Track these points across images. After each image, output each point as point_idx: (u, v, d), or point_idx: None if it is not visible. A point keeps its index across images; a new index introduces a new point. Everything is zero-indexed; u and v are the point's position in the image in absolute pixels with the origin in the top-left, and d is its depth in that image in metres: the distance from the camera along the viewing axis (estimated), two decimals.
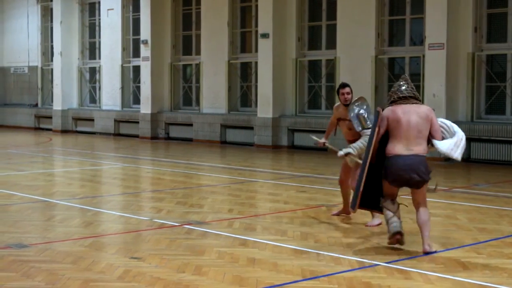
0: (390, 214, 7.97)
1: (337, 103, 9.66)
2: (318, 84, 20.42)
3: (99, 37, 26.96)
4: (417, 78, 18.17)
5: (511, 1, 16.85)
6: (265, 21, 20.56)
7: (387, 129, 7.90)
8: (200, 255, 7.56)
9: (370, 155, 7.94)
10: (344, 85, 9.40)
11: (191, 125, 22.97)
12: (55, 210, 10.55)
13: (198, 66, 23.38)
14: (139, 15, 24.67)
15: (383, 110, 7.99)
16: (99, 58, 26.98)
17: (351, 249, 7.83)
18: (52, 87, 28.63)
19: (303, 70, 20.58)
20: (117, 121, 25.55)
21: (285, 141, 20.43)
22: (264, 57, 20.64)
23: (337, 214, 9.92)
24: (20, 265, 7.08)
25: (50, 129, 28.22)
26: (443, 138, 8.10)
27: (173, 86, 24.14)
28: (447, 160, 16.78)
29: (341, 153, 9.34)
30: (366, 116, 9.07)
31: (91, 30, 27.56)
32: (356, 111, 9.10)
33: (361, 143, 9.20)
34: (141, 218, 9.74)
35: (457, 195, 11.93)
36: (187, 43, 24.16)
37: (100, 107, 26.83)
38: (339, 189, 9.98)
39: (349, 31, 19.19)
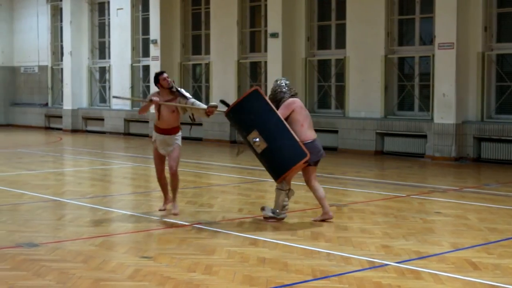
0: (287, 201, 9.41)
1: (156, 92, 9.97)
2: (327, 83, 20.40)
3: (109, 36, 27.01)
4: (427, 77, 18.16)
5: None
6: (274, 21, 20.55)
7: (289, 115, 9.30)
8: (210, 254, 7.57)
9: (282, 119, 9.14)
10: (161, 72, 9.93)
11: (200, 124, 22.98)
12: (66, 209, 10.59)
13: (207, 65, 23.40)
14: (149, 14, 24.72)
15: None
16: (109, 57, 27.03)
17: (361, 249, 7.83)
18: (62, 86, 28.73)
19: (312, 70, 20.56)
20: (127, 121, 25.60)
21: None
22: (273, 57, 20.63)
23: (163, 209, 10.12)
24: (31, 264, 7.11)
25: (60, 129, 28.29)
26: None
27: (183, 85, 24.13)
28: (457, 160, 16.77)
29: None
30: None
31: (101, 29, 27.62)
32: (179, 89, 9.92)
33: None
34: (152, 218, 9.76)
35: (468, 195, 11.90)
36: (197, 42, 24.18)
37: (110, 106, 26.89)
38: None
39: (358, 31, 19.17)
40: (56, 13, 29.38)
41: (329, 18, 20.36)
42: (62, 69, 28.58)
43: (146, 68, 25.36)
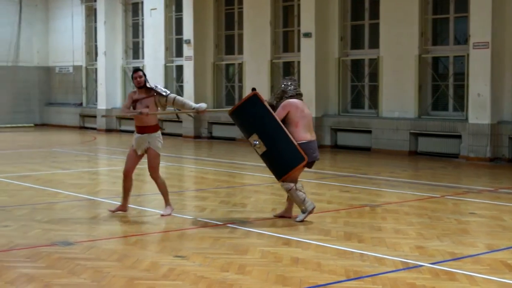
0: (303, 195, 9.40)
1: (132, 90, 10.08)
2: (361, 83, 20.33)
3: (143, 36, 27.16)
4: (461, 77, 18.01)
5: None
6: (307, 20, 20.52)
7: (286, 116, 9.47)
8: (243, 254, 7.58)
9: (280, 124, 9.32)
10: (136, 70, 9.94)
11: (233, 124, 22.95)
12: (100, 208, 10.66)
13: (240, 65, 23.43)
14: (182, 14, 24.82)
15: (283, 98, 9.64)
16: (143, 57, 27.19)
17: (395, 250, 7.79)
18: (96, 86, 28.94)
19: (346, 70, 20.49)
20: (161, 120, 25.68)
21: (328, 141, 20.37)
22: (306, 57, 20.61)
23: (115, 211, 10.02)
24: (66, 263, 7.18)
25: (94, 128, 28.50)
26: None
27: (216, 85, 24.23)
28: (492, 160, 16.61)
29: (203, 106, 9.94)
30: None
31: (135, 30, 27.78)
32: (153, 85, 9.93)
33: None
34: (185, 217, 9.80)
35: (503, 196, 11.78)
36: (230, 42, 24.22)
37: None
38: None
39: (392, 30, 19.07)
40: (91, 13, 29.61)
41: (363, 17, 20.28)
42: (96, 69, 28.80)
43: (180, 68, 25.46)
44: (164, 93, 9.84)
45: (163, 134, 10.46)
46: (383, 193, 12.32)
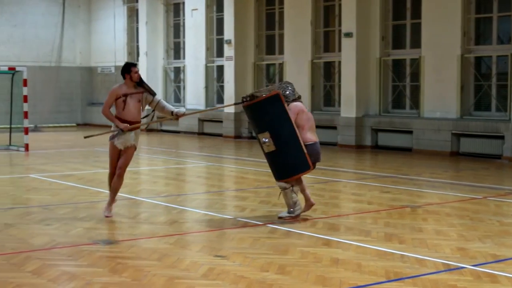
0: (296, 197, 9.64)
1: (118, 84, 10.03)
2: (402, 83, 20.19)
3: (184, 37, 27.29)
4: (504, 77, 17.80)
5: None
6: (348, 20, 20.44)
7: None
8: (283, 254, 7.58)
9: (295, 128, 9.39)
10: (134, 65, 9.97)
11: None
12: (141, 208, 10.73)
13: (281, 65, 23.42)
14: (223, 15, 24.88)
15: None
16: (184, 58, 27.31)
17: (436, 251, 7.72)
18: None
19: (387, 70, 20.37)
20: (201, 120, 25.80)
21: (368, 141, 20.27)
22: (347, 57, 20.53)
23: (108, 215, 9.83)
24: (107, 261, 7.25)
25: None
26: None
27: (256, 85, 24.23)
28: None
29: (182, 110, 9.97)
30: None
31: (176, 30, 27.93)
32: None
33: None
34: (225, 217, 9.83)
35: None
36: (270, 42, 24.23)
37: (184, 106, 27.12)
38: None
39: (434, 30, 18.91)
40: (133, 14, 29.84)
41: (404, 17, 20.14)
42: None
43: (220, 68, 25.54)
44: (153, 92, 9.97)
45: (204, 134, 10.53)
46: (424, 194, 12.22)
